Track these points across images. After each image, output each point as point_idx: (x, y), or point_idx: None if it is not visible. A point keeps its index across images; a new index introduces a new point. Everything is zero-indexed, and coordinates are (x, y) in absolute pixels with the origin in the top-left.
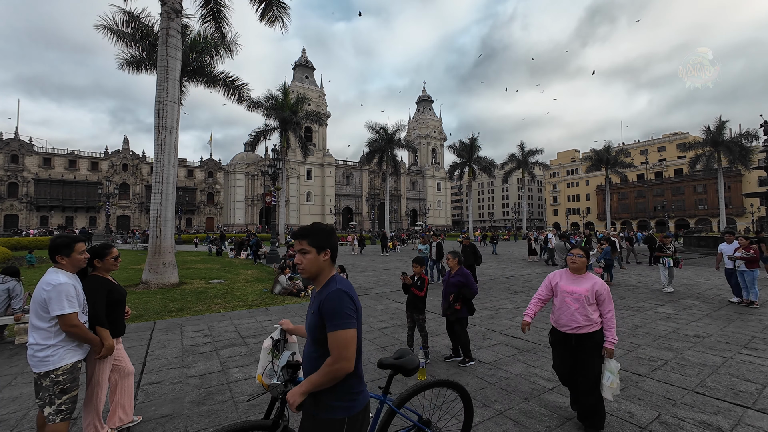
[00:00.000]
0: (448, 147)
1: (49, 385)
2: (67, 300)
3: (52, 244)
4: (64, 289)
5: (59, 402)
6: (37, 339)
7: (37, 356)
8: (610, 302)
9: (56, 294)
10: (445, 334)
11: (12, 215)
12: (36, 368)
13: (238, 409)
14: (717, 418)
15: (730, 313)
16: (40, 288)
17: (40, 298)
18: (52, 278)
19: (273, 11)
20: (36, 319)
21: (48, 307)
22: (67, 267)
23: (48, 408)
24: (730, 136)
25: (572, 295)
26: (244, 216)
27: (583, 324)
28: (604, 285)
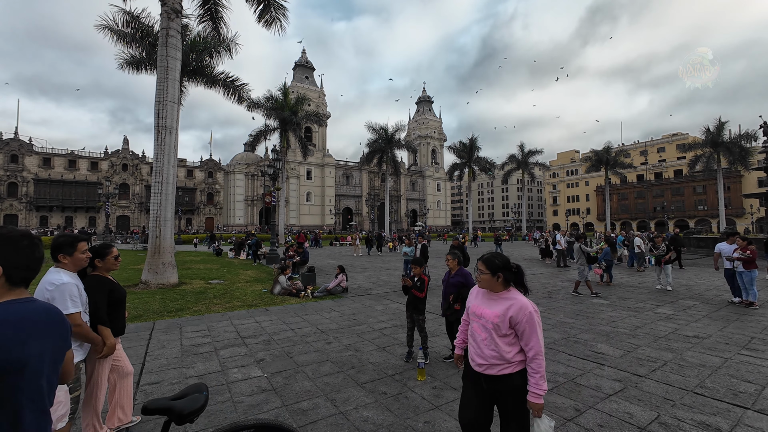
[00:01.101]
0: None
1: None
2: (70, 300)
3: (55, 242)
4: (68, 289)
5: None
6: None
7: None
8: (534, 333)
9: (60, 294)
10: (444, 335)
11: (11, 215)
12: None
13: (237, 410)
14: (716, 418)
15: (729, 313)
16: (42, 288)
17: (43, 298)
18: (55, 278)
19: (271, 12)
20: None
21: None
22: (68, 266)
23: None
24: (729, 137)
25: (480, 321)
26: (243, 216)
27: (492, 362)
28: (527, 308)
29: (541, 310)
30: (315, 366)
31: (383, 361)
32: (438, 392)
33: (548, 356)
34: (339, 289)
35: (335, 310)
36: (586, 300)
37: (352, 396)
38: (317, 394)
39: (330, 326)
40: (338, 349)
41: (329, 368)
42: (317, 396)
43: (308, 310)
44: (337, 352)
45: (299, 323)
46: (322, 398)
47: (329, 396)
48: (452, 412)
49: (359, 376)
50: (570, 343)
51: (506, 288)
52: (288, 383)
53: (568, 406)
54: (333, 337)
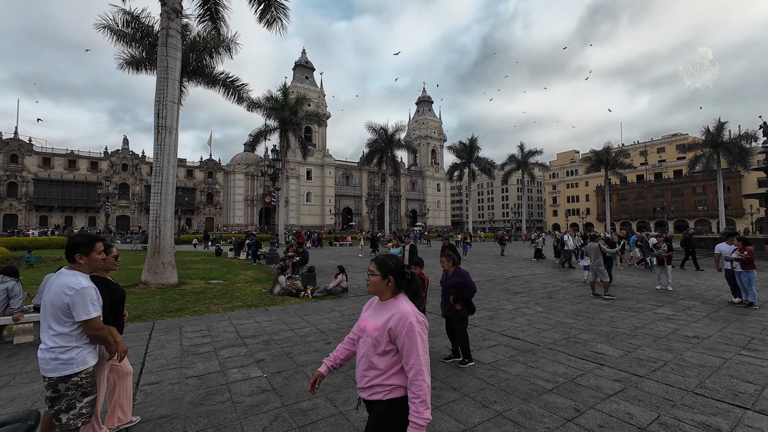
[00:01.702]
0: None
1: (71, 389)
2: (92, 304)
3: (72, 242)
4: (88, 293)
5: (80, 405)
6: (59, 342)
7: (60, 359)
8: (414, 349)
9: (80, 298)
10: (444, 335)
11: (11, 215)
12: (55, 372)
13: (237, 410)
14: (716, 419)
15: (729, 314)
16: (60, 292)
17: (62, 302)
18: (73, 281)
19: (272, 12)
20: (55, 323)
21: (72, 312)
22: (84, 268)
23: (66, 414)
24: (729, 138)
25: (363, 335)
26: (243, 216)
27: (367, 384)
28: (407, 318)
29: (540, 310)
30: (315, 366)
31: None
32: (438, 392)
33: (548, 356)
34: (339, 289)
35: (335, 311)
36: (585, 300)
37: (352, 396)
38: (317, 394)
39: (330, 326)
40: None
41: None
42: (317, 396)
43: (308, 311)
44: None
45: (299, 323)
46: (321, 398)
47: (329, 396)
48: (452, 412)
49: None
50: (570, 343)
51: (394, 296)
52: (288, 383)
53: (568, 406)
54: (333, 337)
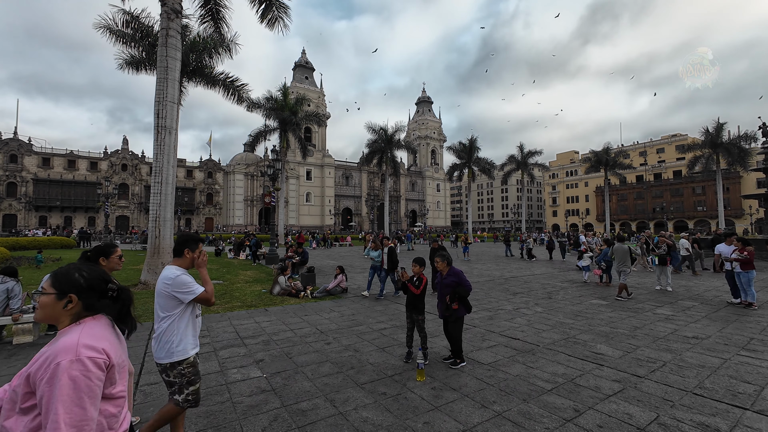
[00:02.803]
0: (447, 148)
1: (177, 378)
2: (191, 284)
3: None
4: (183, 279)
5: (187, 392)
6: (168, 331)
7: (169, 345)
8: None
9: (180, 284)
10: (444, 335)
11: (11, 215)
12: (168, 358)
13: (236, 410)
14: (716, 419)
15: (728, 314)
16: (161, 284)
17: (165, 293)
18: (169, 273)
19: (273, 12)
20: (162, 312)
21: (179, 297)
22: (186, 262)
23: (178, 396)
24: (728, 138)
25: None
26: (243, 216)
27: None
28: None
29: (540, 311)
30: (314, 366)
31: (383, 362)
32: (437, 393)
33: (547, 357)
34: (338, 289)
35: (335, 311)
36: (585, 300)
37: (351, 396)
38: (317, 394)
39: (329, 327)
40: (338, 349)
41: (329, 369)
42: (317, 396)
43: (308, 311)
44: (337, 352)
45: (299, 324)
46: (321, 399)
47: (329, 396)
48: (452, 412)
49: (359, 377)
50: (569, 343)
51: (76, 322)
52: (287, 384)
53: (567, 406)
54: (332, 337)
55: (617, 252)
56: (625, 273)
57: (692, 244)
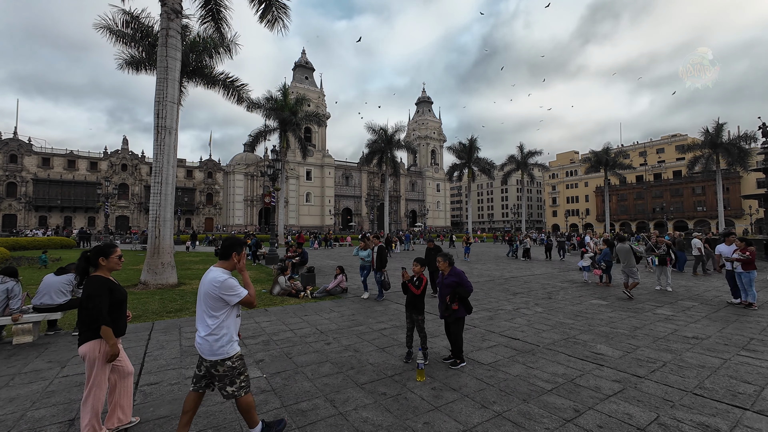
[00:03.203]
0: (447, 148)
1: (227, 371)
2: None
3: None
4: (230, 282)
5: (238, 381)
6: (217, 330)
7: (219, 343)
8: None
9: (228, 287)
10: (444, 336)
11: (10, 215)
12: (215, 356)
13: (236, 410)
14: (715, 419)
15: (728, 314)
16: (211, 284)
17: (214, 295)
18: (217, 275)
19: (273, 12)
20: (211, 312)
21: (225, 299)
22: (231, 265)
23: (230, 387)
24: (728, 138)
25: None
26: (243, 216)
27: None
28: None
29: (540, 311)
30: (314, 367)
31: (383, 362)
32: (437, 393)
33: (547, 357)
34: (338, 289)
35: (335, 311)
36: (585, 301)
37: (351, 397)
38: (316, 394)
39: (329, 327)
40: (338, 349)
41: (328, 369)
42: (316, 397)
43: (307, 311)
44: (337, 352)
45: (298, 324)
46: (321, 399)
47: (328, 397)
48: (452, 413)
49: (359, 377)
50: (569, 343)
51: None
52: (287, 384)
53: (567, 407)
54: (332, 337)
55: (620, 252)
56: (633, 273)
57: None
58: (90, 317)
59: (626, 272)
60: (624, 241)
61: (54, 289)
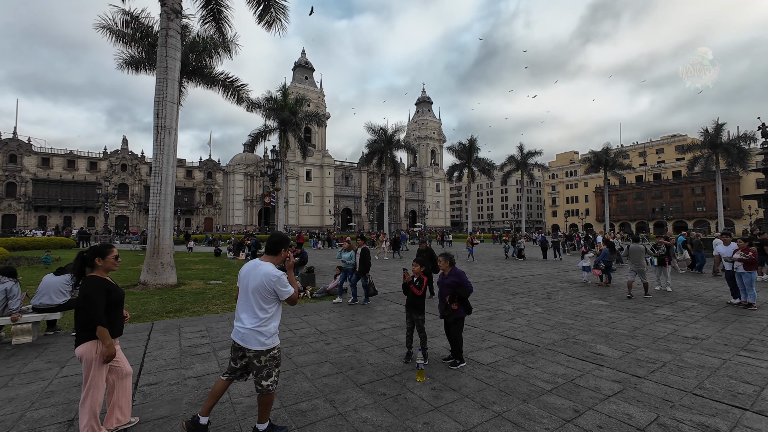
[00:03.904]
0: (447, 148)
1: (269, 361)
2: (288, 283)
3: (277, 238)
4: (285, 278)
5: (274, 374)
6: (267, 322)
7: (266, 335)
8: None
9: (284, 282)
10: (443, 336)
11: (10, 215)
12: (261, 346)
13: (236, 411)
14: (715, 420)
15: (728, 315)
16: (268, 278)
17: (270, 288)
18: (273, 270)
19: (271, 13)
20: (264, 304)
21: (279, 293)
22: (277, 260)
23: (266, 381)
24: (728, 139)
25: None
26: (243, 217)
27: None
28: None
29: (540, 311)
30: (314, 367)
31: (382, 362)
32: (437, 393)
33: (547, 357)
34: (338, 290)
35: (334, 311)
36: (585, 301)
37: (351, 397)
38: (316, 395)
39: (329, 327)
40: (337, 350)
41: (328, 369)
42: (316, 397)
43: (307, 311)
44: (336, 353)
45: (298, 324)
46: (321, 399)
47: (328, 397)
48: (451, 413)
49: (358, 377)
50: (569, 344)
51: None
52: (287, 384)
53: (567, 407)
54: (332, 337)
55: (633, 252)
56: (643, 273)
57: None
58: (86, 318)
59: (636, 271)
60: (638, 241)
61: (53, 289)
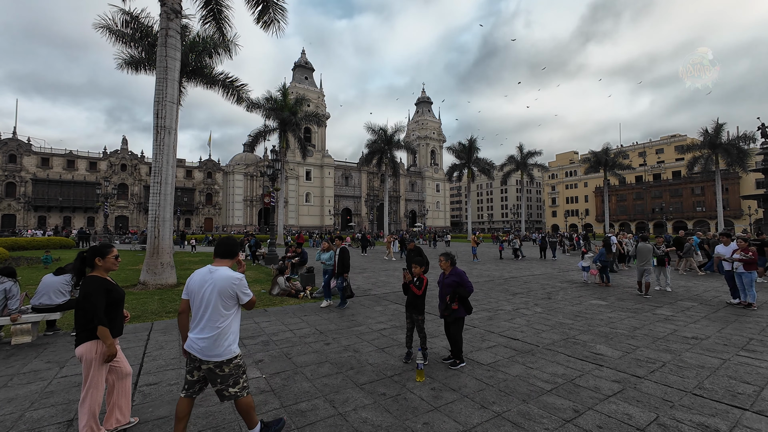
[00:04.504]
0: (447, 148)
1: (233, 370)
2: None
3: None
4: (245, 281)
5: (242, 380)
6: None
7: (227, 343)
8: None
9: (245, 285)
10: (443, 336)
11: (10, 215)
12: (223, 356)
13: (235, 411)
14: (715, 420)
15: (728, 315)
16: (229, 282)
17: (232, 292)
18: (234, 273)
19: (270, 13)
20: (224, 311)
21: (240, 297)
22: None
23: (233, 388)
24: (727, 139)
25: None
26: (242, 217)
27: None
28: None
29: (539, 311)
30: (314, 367)
31: (382, 362)
32: (437, 393)
33: (547, 357)
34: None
35: (334, 311)
36: (585, 301)
37: (351, 397)
38: (316, 395)
39: (329, 327)
40: (337, 350)
41: (328, 369)
42: (316, 397)
43: (307, 311)
44: (336, 353)
45: (298, 324)
46: (320, 399)
47: (328, 397)
48: (451, 413)
49: (358, 377)
50: (569, 344)
51: None
52: (287, 384)
53: (566, 407)
54: (332, 338)
55: (640, 251)
56: (647, 272)
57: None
58: (86, 318)
59: (642, 270)
60: (646, 240)
61: (53, 289)
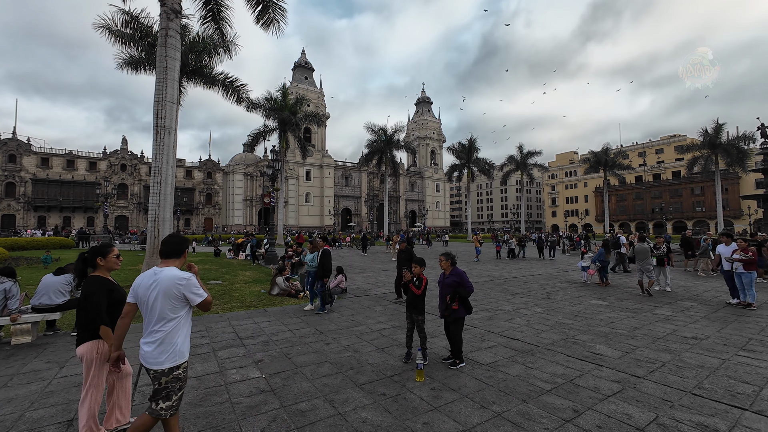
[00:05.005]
0: (447, 148)
1: (171, 383)
2: (199, 287)
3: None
4: (194, 280)
5: (175, 397)
6: (173, 333)
7: (170, 350)
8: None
9: (194, 285)
10: (443, 336)
11: (9, 215)
12: (169, 362)
13: (235, 411)
14: (714, 419)
15: (727, 315)
16: (173, 282)
17: (177, 293)
18: (180, 273)
19: (269, 14)
20: (171, 314)
21: (189, 299)
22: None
23: (164, 403)
24: (727, 139)
25: None
26: (242, 217)
27: None
28: None
29: (539, 311)
30: (314, 367)
31: (382, 362)
32: (437, 393)
33: (547, 357)
34: (338, 290)
35: (334, 311)
36: (584, 301)
37: (350, 397)
38: (316, 395)
39: (329, 327)
40: (337, 350)
41: (328, 369)
42: (316, 397)
43: (306, 311)
44: (336, 353)
45: (298, 324)
46: (320, 399)
47: (328, 397)
48: (451, 413)
49: (358, 377)
50: (569, 344)
51: None
52: (286, 384)
53: (566, 407)
54: (332, 338)
55: (638, 252)
56: (648, 271)
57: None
58: (87, 318)
59: (642, 270)
60: (644, 241)
61: (53, 289)
